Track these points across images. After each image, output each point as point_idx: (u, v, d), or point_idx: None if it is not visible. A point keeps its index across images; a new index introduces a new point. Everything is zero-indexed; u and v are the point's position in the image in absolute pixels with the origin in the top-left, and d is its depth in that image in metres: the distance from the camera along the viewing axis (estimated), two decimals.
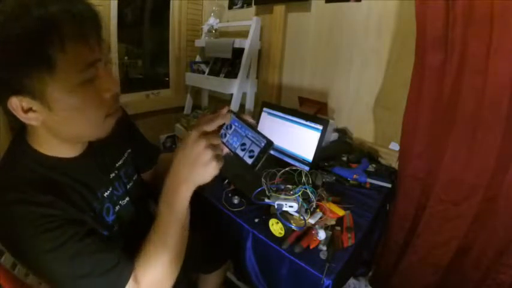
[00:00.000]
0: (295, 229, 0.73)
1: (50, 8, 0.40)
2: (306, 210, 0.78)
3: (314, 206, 0.79)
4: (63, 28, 0.41)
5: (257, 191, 0.85)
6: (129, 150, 0.71)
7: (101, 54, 0.47)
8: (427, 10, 0.88)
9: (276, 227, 0.76)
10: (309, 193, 0.80)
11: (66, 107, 0.45)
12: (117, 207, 0.61)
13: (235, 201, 0.90)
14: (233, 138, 0.59)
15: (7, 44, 0.39)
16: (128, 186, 0.67)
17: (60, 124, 0.47)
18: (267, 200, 0.79)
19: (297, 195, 0.79)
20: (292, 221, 0.75)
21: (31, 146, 0.50)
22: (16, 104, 0.43)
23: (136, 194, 0.68)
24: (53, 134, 0.49)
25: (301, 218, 0.75)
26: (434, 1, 0.86)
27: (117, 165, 0.65)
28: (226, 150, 0.61)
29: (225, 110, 0.55)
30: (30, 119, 0.45)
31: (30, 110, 0.44)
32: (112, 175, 0.62)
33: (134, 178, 0.70)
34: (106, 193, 0.58)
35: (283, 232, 0.74)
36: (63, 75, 0.42)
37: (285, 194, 0.80)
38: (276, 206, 0.76)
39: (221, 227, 0.91)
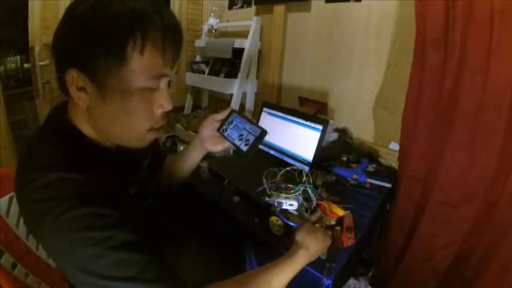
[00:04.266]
0: (293, 225, 0.73)
1: (145, 6, 0.42)
2: (306, 209, 0.78)
3: (314, 204, 0.79)
4: (149, 32, 0.41)
5: (258, 189, 0.85)
6: (152, 153, 0.70)
7: (170, 71, 0.48)
8: (427, 10, 0.88)
9: (275, 225, 0.76)
10: (309, 191, 0.80)
11: (118, 104, 0.44)
12: (142, 208, 0.61)
13: (235, 201, 0.90)
14: (233, 131, 0.68)
15: (93, 22, 0.40)
16: (151, 188, 0.67)
17: (104, 117, 0.46)
18: (267, 199, 0.79)
19: (297, 193, 0.79)
20: (292, 219, 0.75)
21: (75, 125, 0.48)
22: (74, 77, 0.43)
23: (157, 196, 0.69)
24: (94, 121, 0.48)
25: (301, 216, 0.75)
26: (434, 1, 0.86)
27: (143, 165, 0.65)
28: (227, 144, 0.69)
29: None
30: (79, 98, 0.44)
31: (83, 89, 0.44)
32: (139, 174, 0.62)
33: (155, 180, 0.70)
34: (132, 190, 0.58)
35: (282, 230, 0.74)
36: (129, 75, 0.42)
37: (286, 193, 0.80)
38: (276, 204, 0.76)
39: (221, 227, 0.91)
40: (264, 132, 0.62)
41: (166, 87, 0.49)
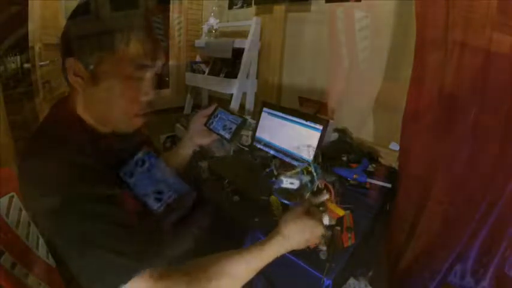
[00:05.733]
0: (289, 204, 0.72)
1: (132, 8, 0.52)
2: (312, 190, 0.75)
3: (317, 185, 0.77)
4: (134, 29, 0.50)
5: (266, 172, 0.88)
6: (145, 143, 0.72)
7: (153, 64, 0.55)
8: (427, 10, 0.88)
9: (275, 204, 0.76)
10: (312, 170, 0.77)
11: (109, 88, 0.52)
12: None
13: (235, 200, 0.90)
14: (218, 123, 0.77)
15: (90, 21, 0.50)
16: None
17: (97, 100, 0.54)
18: (273, 179, 0.80)
19: (299, 169, 0.78)
20: (291, 199, 0.73)
21: (77, 113, 0.55)
22: (71, 64, 0.51)
23: None
24: (89, 106, 0.55)
25: (301, 196, 0.74)
26: (434, 1, 0.86)
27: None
28: (214, 136, 0.77)
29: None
30: (75, 82, 0.52)
31: (79, 76, 0.51)
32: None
33: None
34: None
35: (281, 212, 0.74)
36: (117, 63, 0.51)
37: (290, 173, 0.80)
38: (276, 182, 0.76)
39: (221, 226, 0.91)
40: (244, 120, 0.72)
41: (150, 78, 0.56)
